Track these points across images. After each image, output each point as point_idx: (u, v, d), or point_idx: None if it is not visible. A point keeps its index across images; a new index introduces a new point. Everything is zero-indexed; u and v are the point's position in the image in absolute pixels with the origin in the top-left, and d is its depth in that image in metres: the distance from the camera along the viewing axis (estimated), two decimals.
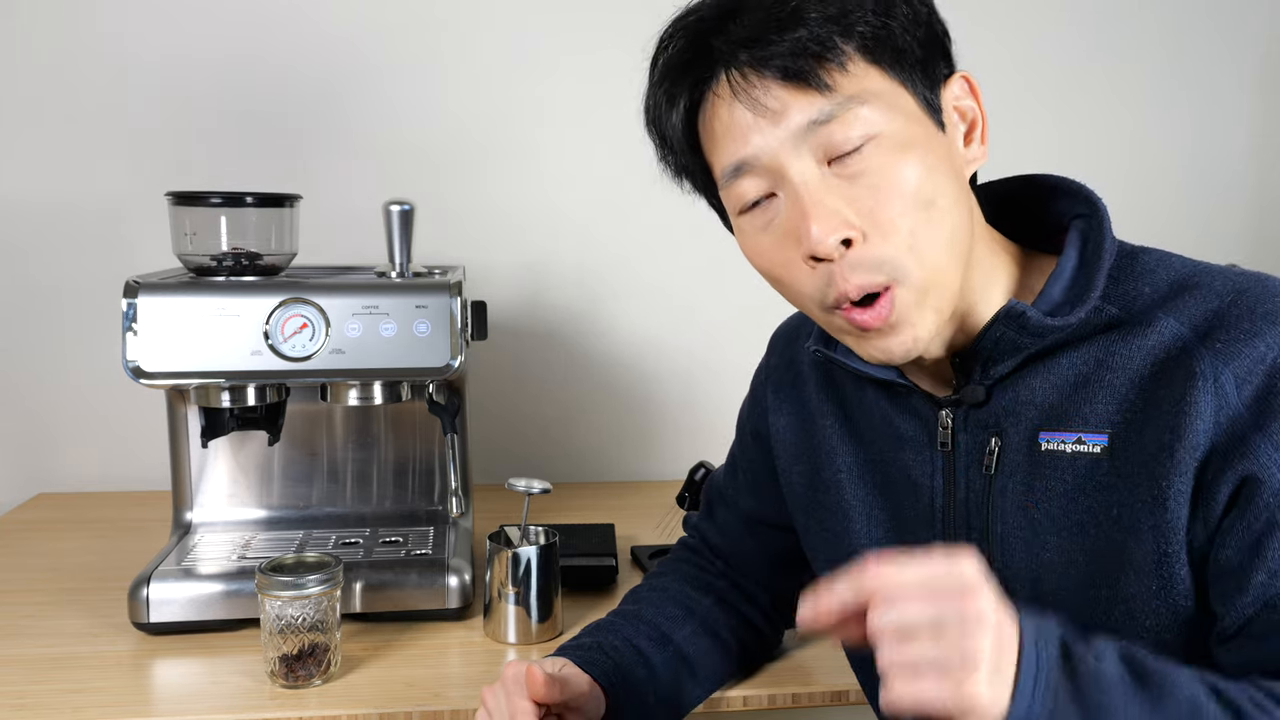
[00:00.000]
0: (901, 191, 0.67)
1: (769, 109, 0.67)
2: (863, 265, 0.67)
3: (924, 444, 0.78)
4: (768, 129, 0.68)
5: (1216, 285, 0.69)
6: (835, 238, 0.67)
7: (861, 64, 0.67)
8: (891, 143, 0.67)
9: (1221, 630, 0.66)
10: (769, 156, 0.68)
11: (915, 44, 0.69)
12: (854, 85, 0.67)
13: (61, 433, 1.61)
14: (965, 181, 0.72)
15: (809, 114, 0.67)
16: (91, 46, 1.54)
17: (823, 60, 0.66)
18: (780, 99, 0.67)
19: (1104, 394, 0.70)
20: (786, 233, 0.69)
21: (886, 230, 0.67)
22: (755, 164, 0.69)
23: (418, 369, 1.08)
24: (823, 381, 0.87)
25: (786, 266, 0.71)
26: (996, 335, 0.72)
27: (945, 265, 0.69)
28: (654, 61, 0.74)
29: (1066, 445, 0.71)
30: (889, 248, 0.67)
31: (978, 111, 0.73)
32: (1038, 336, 0.71)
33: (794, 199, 0.68)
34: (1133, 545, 0.68)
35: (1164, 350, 0.68)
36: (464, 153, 1.63)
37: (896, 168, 0.67)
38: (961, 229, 0.70)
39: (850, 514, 0.84)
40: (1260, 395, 0.64)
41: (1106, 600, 0.69)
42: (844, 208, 0.67)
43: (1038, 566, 0.72)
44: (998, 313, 0.71)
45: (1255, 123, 1.83)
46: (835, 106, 0.66)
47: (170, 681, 1.00)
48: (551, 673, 0.80)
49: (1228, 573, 0.65)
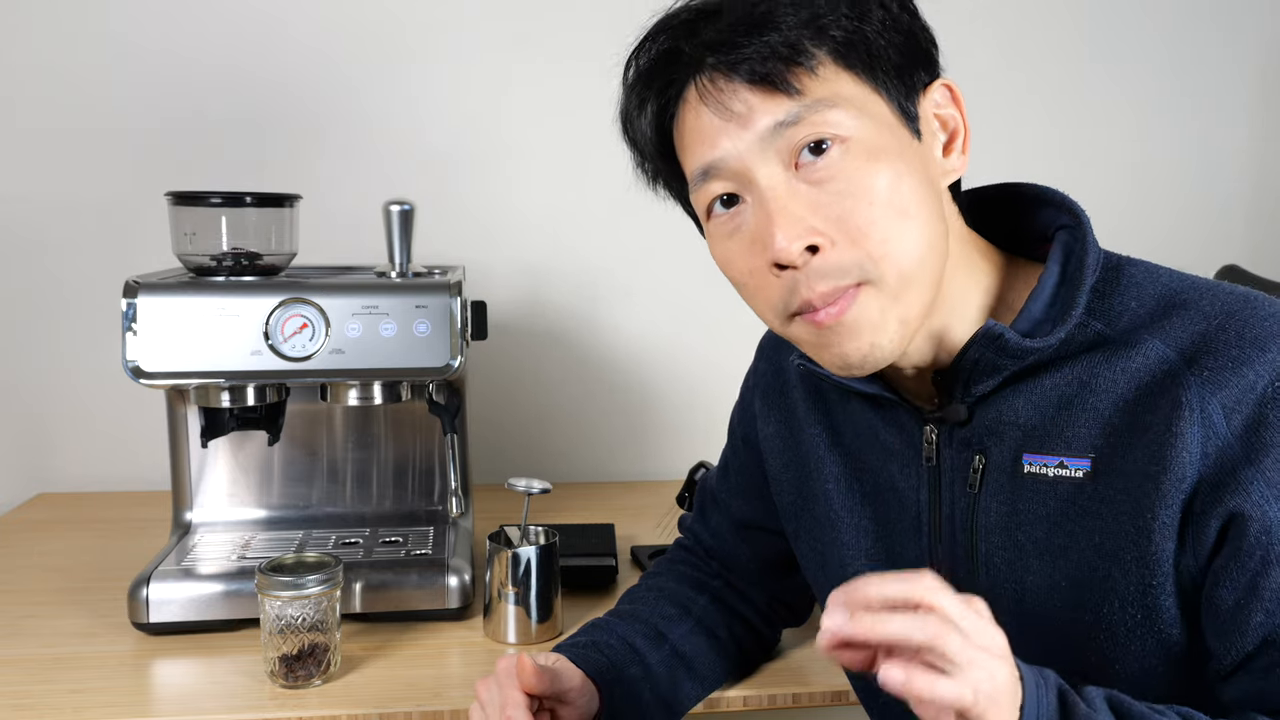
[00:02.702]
0: (871, 199, 0.65)
1: (735, 113, 0.66)
2: (829, 272, 0.66)
3: (910, 458, 0.77)
4: (735, 133, 0.67)
5: (1204, 306, 0.67)
6: (800, 244, 0.65)
7: (832, 68, 0.66)
8: (861, 148, 0.66)
9: (1220, 667, 0.65)
10: (736, 160, 0.67)
11: (891, 49, 0.67)
12: (823, 89, 0.66)
13: (61, 433, 1.61)
14: (941, 191, 0.71)
15: (775, 115, 0.65)
16: (92, 46, 1.54)
17: (791, 64, 0.65)
18: (747, 102, 0.66)
19: (1086, 417, 0.68)
20: (753, 239, 0.68)
21: (855, 237, 0.65)
22: (723, 168, 0.68)
23: (418, 369, 1.08)
24: (810, 391, 0.86)
25: (752, 274, 0.69)
26: (975, 357, 0.70)
27: (916, 276, 0.67)
28: (626, 67, 0.73)
29: (1049, 469, 0.70)
30: (857, 253, 0.65)
31: (959, 120, 0.71)
32: (1016, 358, 0.69)
33: (760, 205, 0.67)
34: (1116, 575, 0.67)
35: (1149, 374, 0.66)
36: (464, 153, 1.63)
37: (866, 174, 0.66)
38: (935, 240, 0.68)
39: (838, 524, 0.83)
40: (1250, 427, 0.63)
41: (1090, 626, 0.69)
42: (810, 214, 0.66)
43: (1021, 589, 0.72)
44: (975, 334, 0.70)
45: (1255, 124, 1.83)
46: (802, 109, 0.65)
47: (170, 681, 1.00)
48: (544, 665, 0.80)
49: (1224, 612, 0.64)
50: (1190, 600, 0.66)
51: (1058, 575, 0.70)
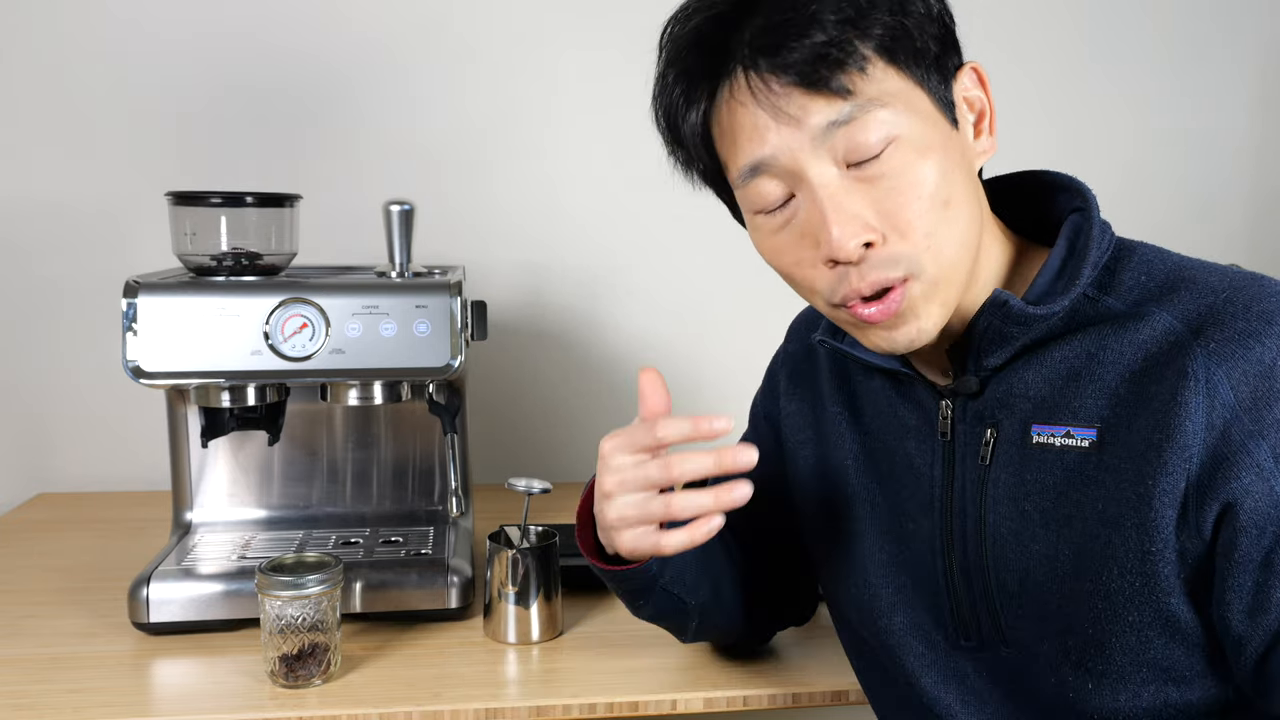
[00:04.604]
0: (920, 193, 0.67)
1: (788, 114, 0.67)
2: (881, 264, 0.68)
3: (926, 433, 0.79)
4: (786, 132, 0.68)
5: (1212, 281, 0.69)
6: (856, 241, 0.67)
7: (880, 65, 0.67)
8: (910, 145, 0.67)
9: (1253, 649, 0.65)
10: (788, 158, 0.68)
11: (930, 41, 0.69)
12: (873, 88, 0.67)
13: (61, 433, 1.61)
14: (975, 175, 0.73)
15: (828, 115, 0.67)
16: (92, 46, 1.54)
17: (843, 65, 0.66)
18: (800, 104, 0.67)
19: (1094, 388, 0.70)
20: (804, 234, 0.70)
21: (905, 231, 0.68)
22: (773, 165, 0.69)
23: (418, 369, 1.08)
24: (834, 370, 0.88)
25: (800, 265, 0.71)
26: (984, 325, 0.72)
27: (958, 261, 0.70)
28: (664, 54, 0.73)
29: (1056, 438, 0.71)
30: (907, 246, 0.68)
31: (985, 102, 0.73)
32: (1023, 325, 0.71)
33: (813, 201, 0.68)
34: (1117, 541, 0.68)
35: (1155, 344, 0.68)
36: (464, 152, 1.63)
37: (915, 169, 0.67)
38: (973, 224, 0.71)
39: (853, 501, 0.84)
40: (1259, 400, 0.64)
41: (1089, 594, 0.69)
42: (864, 210, 0.67)
43: (1027, 558, 0.73)
44: (984, 303, 0.72)
45: (1255, 123, 1.83)
46: (855, 109, 0.66)
47: (170, 681, 1.00)
48: None
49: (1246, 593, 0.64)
50: (1191, 572, 0.67)
51: (1061, 544, 0.71)
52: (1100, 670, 0.70)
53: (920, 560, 0.79)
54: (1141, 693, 0.69)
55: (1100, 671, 0.70)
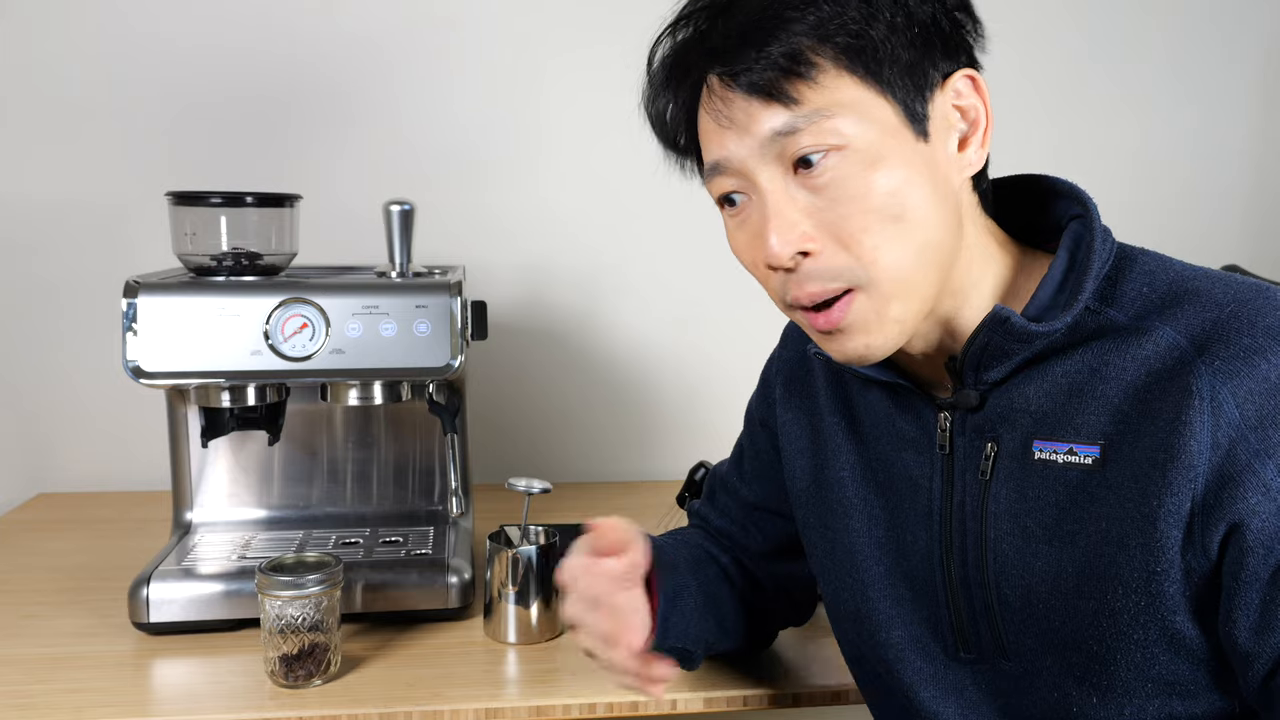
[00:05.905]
0: (865, 205, 0.66)
1: (735, 121, 0.68)
2: (817, 276, 0.68)
3: (924, 446, 0.78)
4: (736, 138, 0.69)
5: (1216, 294, 0.67)
6: (791, 250, 0.67)
7: (834, 74, 0.66)
8: (860, 155, 0.66)
9: (1261, 665, 0.64)
10: (739, 162, 0.69)
11: (902, 49, 0.67)
12: (823, 98, 0.66)
13: (61, 433, 1.61)
14: (950, 188, 0.70)
15: (773, 124, 0.67)
16: (91, 46, 1.54)
17: (790, 75, 0.66)
18: (746, 111, 0.68)
19: (1097, 404, 0.69)
20: (754, 235, 0.71)
21: (846, 243, 0.67)
22: (728, 167, 0.70)
23: (418, 369, 1.08)
24: (831, 379, 0.87)
25: (756, 265, 0.73)
26: (984, 342, 0.71)
27: (912, 278, 0.68)
28: (649, 63, 0.75)
29: (1058, 455, 0.70)
30: (847, 259, 0.67)
31: (981, 110, 0.71)
32: (1024, 342, 0.70)
33: (760, 205, 0.70)
34: (1122, 561, 0.67)
35: (1159, 360, 0.66)
36: (464, 153, 1.63)
37: (862, 180, 0.66)
38: (935, 240, 0.69)
39: (850, 512, 0.84)
40: (1265, 419, 0.63)
41: (1094, 612, 0.69)
42: (803, 220, 0.68)
43: (1030, 575, 0.72)
44: (984, 319, 0.71)
45: (1255, 123, 1.83)
46: (800, 119, 0.66)
47: (170, 681, 1.00)
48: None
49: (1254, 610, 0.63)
50: (1196, 589, 0.66)
51: (1065, 561, 0.70)
52: (1105, 685, 0.69)
53: (918, 572, 0.79)
54: (1146, 706, 0.69)
55: (1105, 686, 0.69)
